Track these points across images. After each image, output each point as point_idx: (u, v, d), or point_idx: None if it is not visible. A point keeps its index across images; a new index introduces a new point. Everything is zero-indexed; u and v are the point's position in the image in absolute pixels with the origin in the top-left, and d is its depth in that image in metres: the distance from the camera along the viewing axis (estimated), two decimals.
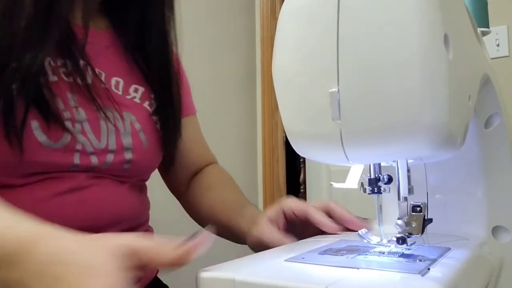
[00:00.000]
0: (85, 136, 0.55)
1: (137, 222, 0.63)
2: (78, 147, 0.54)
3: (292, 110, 0.42)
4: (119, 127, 0.58)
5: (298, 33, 0.40)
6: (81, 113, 0.55)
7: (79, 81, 0.55)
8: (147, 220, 0.68)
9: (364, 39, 0.36)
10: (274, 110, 2.30)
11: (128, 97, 0.62)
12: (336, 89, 0.37)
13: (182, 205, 0.76)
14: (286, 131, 0.44)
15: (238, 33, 2.31)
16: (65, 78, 0.55)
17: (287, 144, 2.10)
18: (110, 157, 0.57)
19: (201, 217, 0.72)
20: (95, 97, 0.55)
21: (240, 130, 2.25)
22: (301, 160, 2.71)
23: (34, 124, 0.51)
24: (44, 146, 0.51)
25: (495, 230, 0.56)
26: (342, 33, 0.37)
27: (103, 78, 0.59)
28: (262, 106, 2.35)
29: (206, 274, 0.36)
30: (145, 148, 0.61)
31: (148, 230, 0.68)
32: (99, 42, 0.62)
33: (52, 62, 0.54)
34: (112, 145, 0.57)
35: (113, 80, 0.61)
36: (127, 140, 0.59)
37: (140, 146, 0.60)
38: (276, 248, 0.48)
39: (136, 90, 0.63)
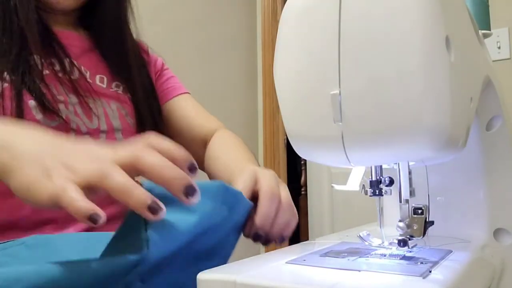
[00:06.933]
0: (78, 117, 0.61)
1: None
2: (73, 126, 0.60)
3: (294, 112, 0.42)
4: (108, 112, 0.65)
5: (299, 35, 0.40)
6: (73, 98, 0.62)
7: (64, 75, 0.62)
8: None
9: (365, 41, 0.36)
10: (275, 112, 2.31)
11: (112, 90, 0.68)
12: (338, 91, 0.37)
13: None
14: (287, 133, 0.44)
15: (239, 35, 2.31)
16: (55, 73, 0.62)
17: (288, 146, 2.11)
18: (102, 137, 0.63)
19: None
20: (79, 89, 0.62)
21: (241, 132, 2.24)
22: (302, 162, 2.71)
23: (32, 103, 0.57)
24: (42, 123, 0.58)
25: (497, 233, 0.55)
26: (344, 35, 0.37)
27: (88, 75, 0.66)
28: (263, 109, 2.36)
29: (207, 276, 0.36)
30: (132, 130, 0.67)
31: None
32: (82, 45, 0.69)
33: (43, 60, 0.61)
34: (103, 126, 0.63)
35: (98, 77, 0.68)
36: (116, 122, 0.65)
37: (128, 128, 0.66)
38: (278, 249, 0.48)
39: (118, 86, 0.70)
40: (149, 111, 0.71)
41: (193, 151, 0.77)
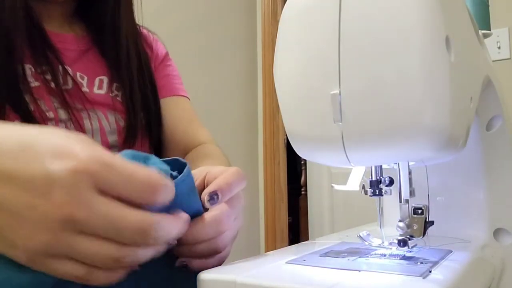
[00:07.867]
0: None
1: None
2: None
3: (294, 112, 0.42)
4: (104, 126, 0.60)
5: (299, 35, 0.40)
6: (64, 114, 0.56)
7: (56, 86, 0.57)
8: None
9: (365, 41, 0.36)
10: (275, 112, 2.31)
11: (111, 94, 0.63)
12: (338, 91, 0.37)
13: None
14: (287, 133, 0.44)
15: (240, 35, 2.31)
16: (46, 83, 0.56)
17: (288, 146, 2.11)
18: None
19: None
20: (71, 103, 0.57)
21: (241, 133, 2.25)
22: (302, 162, 2.72)
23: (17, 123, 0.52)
24: None
25: (497, 233, 0.55)
26: (344, 36, 0.37)
27: (85, 81, 0.61)
28: (263, 109, 2.36)
29: (207, 276, 0.36)
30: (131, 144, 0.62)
31: None
32: (78, 46, 0.63)
33: (33, 69, 0.56)
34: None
35: (97, 80, 0.63)
36: (112, 138, 0.60)
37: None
38: (277, 250, 0.48)
39: (118, 89, 0.65)
40: (146, 115, 0.66)
41: (171, 155, 0.71)
